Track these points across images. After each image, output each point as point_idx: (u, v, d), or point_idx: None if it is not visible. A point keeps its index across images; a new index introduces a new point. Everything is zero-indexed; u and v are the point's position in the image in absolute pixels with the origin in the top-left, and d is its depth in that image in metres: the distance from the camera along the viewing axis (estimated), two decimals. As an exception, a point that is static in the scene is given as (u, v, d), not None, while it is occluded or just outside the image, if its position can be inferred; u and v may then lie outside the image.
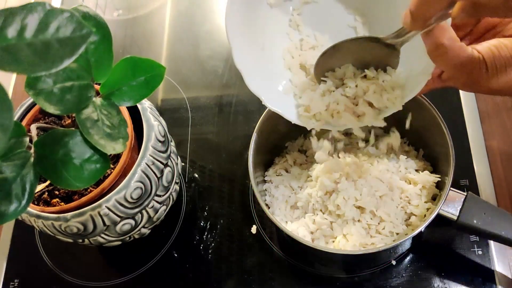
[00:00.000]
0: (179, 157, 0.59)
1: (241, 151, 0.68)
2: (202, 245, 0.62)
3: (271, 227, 0.62)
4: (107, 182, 0.48)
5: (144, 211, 0.52)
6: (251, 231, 0.61)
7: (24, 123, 0.51)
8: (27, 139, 0.37)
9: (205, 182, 0.67)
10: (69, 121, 0.53)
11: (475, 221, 0.49)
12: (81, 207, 0.47)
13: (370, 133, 0.56)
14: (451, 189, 0.50)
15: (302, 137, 0.63)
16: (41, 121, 0.52)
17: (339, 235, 0.52)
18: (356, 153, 0.58)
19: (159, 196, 0.53)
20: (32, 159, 0.36)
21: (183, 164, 0.68)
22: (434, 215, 0.48)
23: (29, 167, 0.36)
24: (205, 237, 0.63)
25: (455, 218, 0.49)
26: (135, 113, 0.52)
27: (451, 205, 0.50)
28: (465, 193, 0.50)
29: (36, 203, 0.49)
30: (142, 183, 0.49)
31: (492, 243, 0.57)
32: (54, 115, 0.53)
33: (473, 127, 0.65)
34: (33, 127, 0.41)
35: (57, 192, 0.50)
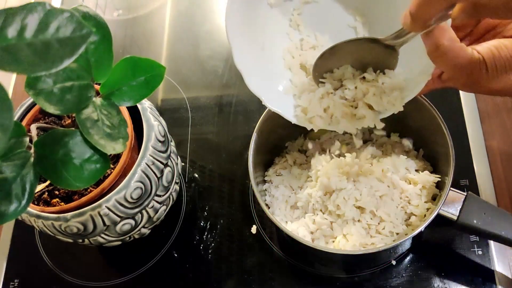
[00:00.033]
0: (179, 157, 0.59)
1: (241, 151, 0.68)
2: (202, 245, 0.62)
3: (271, 227, 0.62)
4: (107, 182, 0.48)
5: (144, 211, 0.52)
6: (251, 231, 0.61)
7: (24, 123, 0.51)
8: (27, 139, 0.37)
9: (205, 182, 0.67)
10: (69, 121, 0.53)
11: (475, 221, 0.49)
12: (81, 207, 0.47)
13: (370, 133, 0.56)
14: (451, 189, 0.50)
15: (302, 137, 0.63)
16: (41, 121, 0.52)
17: (339, 235, 0.52)
18: (356, 153, 0.58)
19: (159, 196, 0.53)
20: (32, 159, 0.36)
21: (183, 164, 0.68)
22: (434, 215, 0.48)
23: (29, 167, 0.36)
24: (205, 237, 0.63)
25: (455, 218, 0.49)
26: (135, 113, 0.52)
27: (451, 205, 0.50)
28: (465, 193, 0.50)
29: (36, 203, 0.49)
30: (142, 183, 0.49)
31: (492, 243, 0.57)
32: (54, 115, 0.53)
33: (473, 127, 0.65)
34: (33, 127, 0.41)
35: (57, 192, 0.50)
